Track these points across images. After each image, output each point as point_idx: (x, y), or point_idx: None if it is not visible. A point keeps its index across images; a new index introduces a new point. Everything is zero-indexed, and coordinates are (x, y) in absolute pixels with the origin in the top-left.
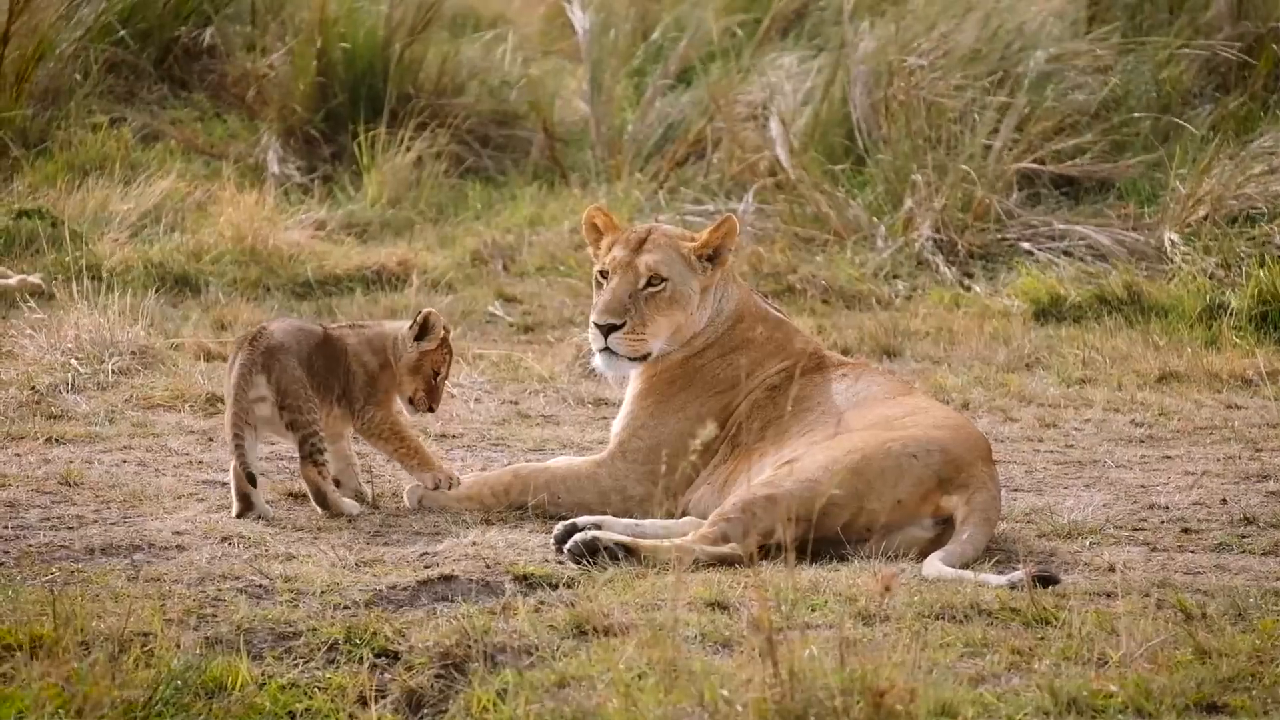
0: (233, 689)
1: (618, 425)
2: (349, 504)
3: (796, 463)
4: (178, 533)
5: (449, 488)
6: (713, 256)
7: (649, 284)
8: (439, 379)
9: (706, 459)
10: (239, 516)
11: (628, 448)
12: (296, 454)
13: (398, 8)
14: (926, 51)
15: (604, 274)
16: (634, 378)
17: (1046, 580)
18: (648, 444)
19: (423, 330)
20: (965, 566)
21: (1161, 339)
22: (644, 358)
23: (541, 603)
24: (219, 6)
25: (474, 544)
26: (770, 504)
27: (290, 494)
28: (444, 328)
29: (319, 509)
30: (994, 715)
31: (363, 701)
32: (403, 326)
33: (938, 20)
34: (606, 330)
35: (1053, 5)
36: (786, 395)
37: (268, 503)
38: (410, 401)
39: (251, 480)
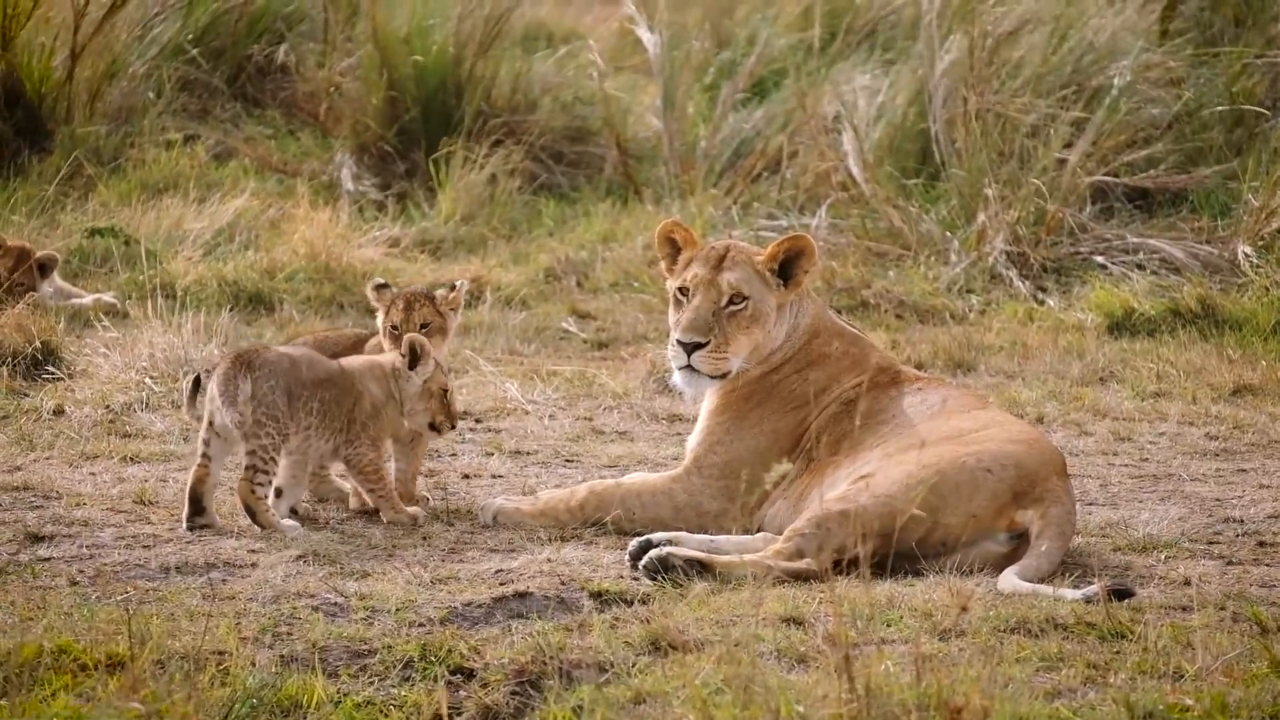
0: (308, 707)
1: (693, 441)
2: (288, 524)
3: (871, 478)
4: (252, 551)
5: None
6: (783, 272)
7: (731, 302)
8: (449, 395)
9: None
10: (190, 521)
11: (703, 463)
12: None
13: (466, 22)
14: (1002, 66)
15: (683, 291)
16: (710, 394)
17: (1122, 594)
18: (723, 460)
19: (414, 358)
20: (1040, 581)
21: (1235, 352)
22: (724, 376)
23: (617, 619)
24: (292, 24)
25: (549, 561)
26: (845, 519)
27: (364, 511)
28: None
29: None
30: None
31: (438, 719)
32: (389, 359)
33: (1019, 33)
34: (690, 348)
35: (1124, 18)
36: (860, 411)
37: (342, 520)
38: (433, 426)
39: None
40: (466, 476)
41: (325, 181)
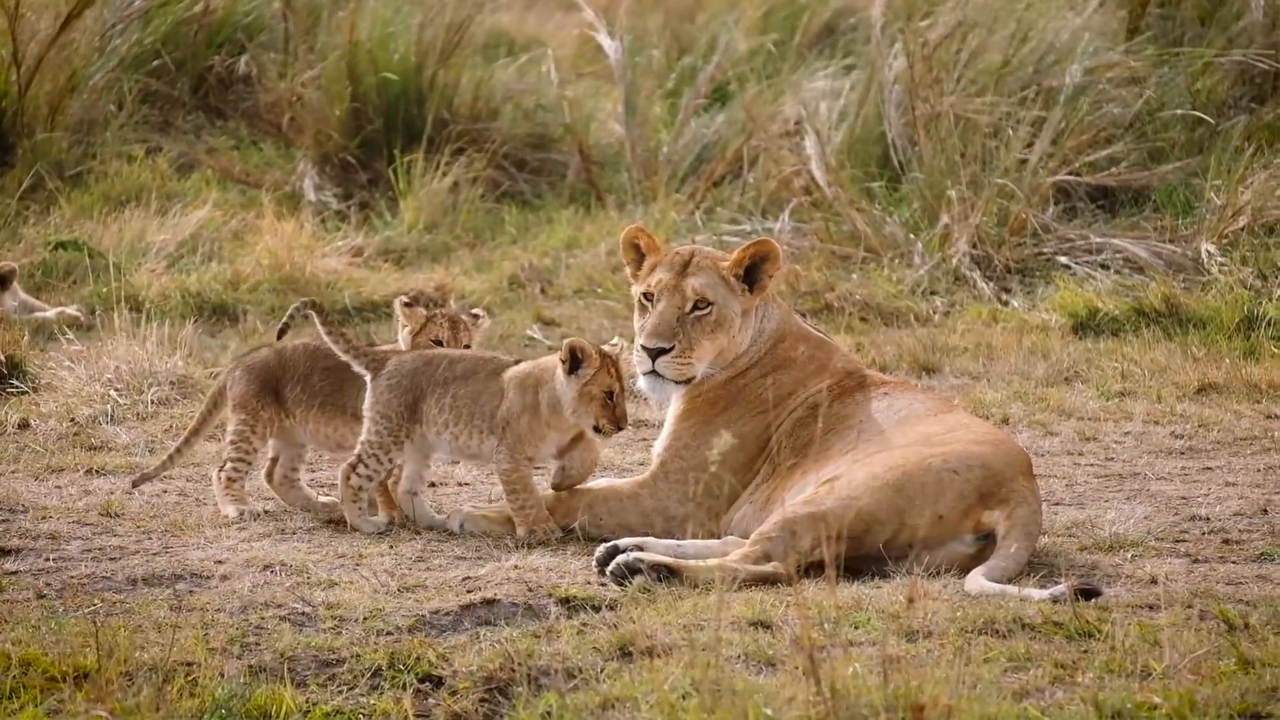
0: (277, 717)
1: (659, 446)
2: (372, 521)
3: (838, 480)
4: (219, 561)
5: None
6: (748, 276)
7: (695, 307)
8: (614, 397)
9: (748, 478)
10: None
11: (670, 469)
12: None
13: (427, 31)
14: (958, 65)
15: (648, 296)
16: (675, 399)
17: (1089, 593)
18: (690, 465)
19: (574, 362)
20: (1007, 581)
21: (1200, 350)
22: (689, 381)
23: (584, 625)
24: (252, 35)
25: (516, 567)
26: (812, 522)
27: (330, 521)
28: (596, 350)
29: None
30: None
31: None
32: (540, 366)
33: (969, 35)
34: (655, 354)
35: (1086, 18)
36: (826, 414)
37: (310, 530)
38: (597, 429)
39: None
40: (433, 484)
41: (288, 192)
